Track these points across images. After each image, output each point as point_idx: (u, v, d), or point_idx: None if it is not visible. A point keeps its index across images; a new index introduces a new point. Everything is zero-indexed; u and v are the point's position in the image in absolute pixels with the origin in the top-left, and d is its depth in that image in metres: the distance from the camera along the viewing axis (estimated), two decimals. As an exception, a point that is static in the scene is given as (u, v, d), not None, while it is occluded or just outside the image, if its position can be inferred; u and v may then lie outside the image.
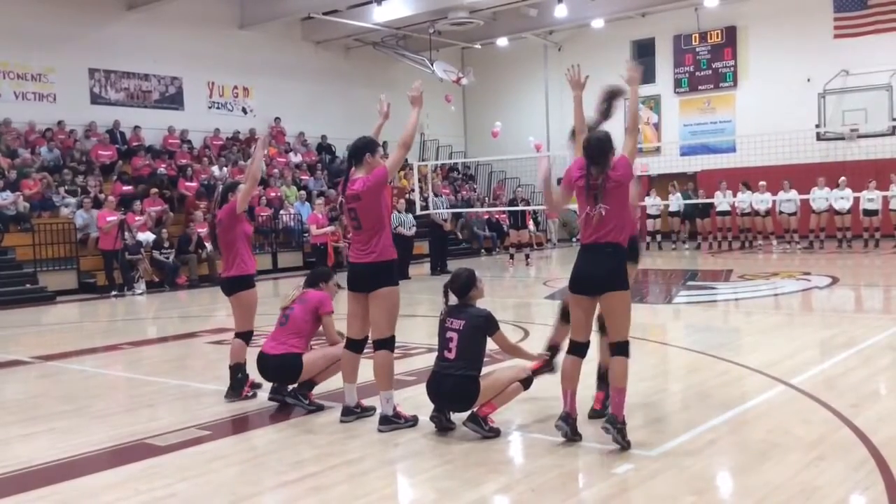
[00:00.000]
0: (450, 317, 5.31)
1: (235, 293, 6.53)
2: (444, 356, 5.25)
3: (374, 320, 5.48)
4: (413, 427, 5.43)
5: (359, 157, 5.64)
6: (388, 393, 5.47)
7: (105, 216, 16.25)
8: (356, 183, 5.50)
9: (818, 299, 12.03)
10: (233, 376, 6.51)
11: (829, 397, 5.86)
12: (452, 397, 5.24)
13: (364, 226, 5.46)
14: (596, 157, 4.95)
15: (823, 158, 21.47)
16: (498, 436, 5.19)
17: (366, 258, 5.45)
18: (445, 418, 5.34)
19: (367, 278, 5.45)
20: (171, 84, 21.82)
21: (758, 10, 23.38)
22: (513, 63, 27.62)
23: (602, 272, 4.88)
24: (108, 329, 12.25)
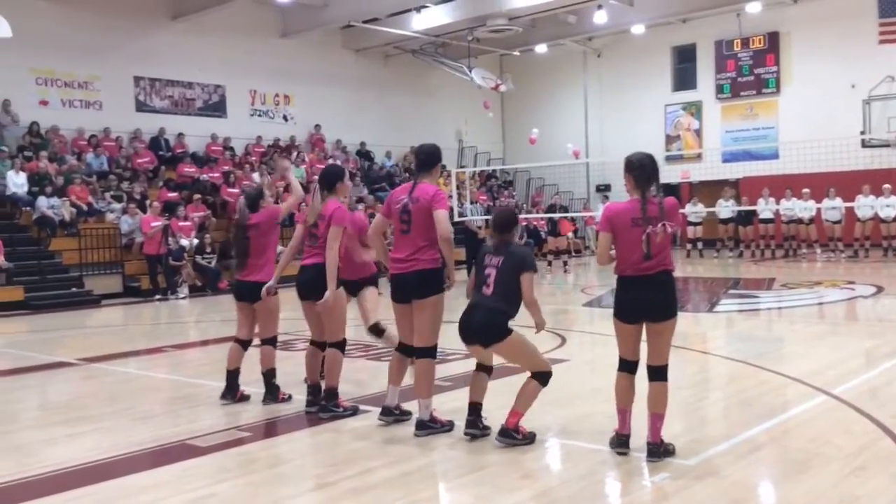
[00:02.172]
0: (489, 254, 5.27)
1: (262, 298, 6.49)
2: (483, 291, 5.19)
3: (419, 328, 5.48)
4: (449, 432, 5.44)
5: (430, 166, 5.70)
6: (427, 400, 5.49)
7: (150, 221, 16.55)
8: (419, 190, 5.49)
9: (862, 308, 11.82)
10: (267, 382, 6.58)
11: (871, 407, 5.76)
12: (481, 328, 5.12)
13: (414, 231, 5.46)
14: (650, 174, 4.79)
15: (868, 166, 21.07)
16: (533, 441, 5.17)
17: (413, 266, 5.42)
18: (479, 429, 5.27)
19: (413, 287, 5.43)
20: (214, 92, 22.16)
21: (801, 16, 23.08)
22: (551, 70, 27.57)
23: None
24: (152, 332, 12.45)
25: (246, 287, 6.55)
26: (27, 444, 5.78)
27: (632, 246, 4.69)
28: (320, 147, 23.82)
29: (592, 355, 8.93)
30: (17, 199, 16.85)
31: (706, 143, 25.16)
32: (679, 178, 25.01)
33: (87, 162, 18.65)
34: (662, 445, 4.78)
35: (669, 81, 26.24)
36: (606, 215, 4.88)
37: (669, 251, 4.79)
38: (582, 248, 24.73)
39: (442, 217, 5.33)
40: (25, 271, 15.50)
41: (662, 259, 4.72)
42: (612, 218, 4.81)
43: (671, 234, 4.71)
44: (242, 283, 6.60)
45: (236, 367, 6.64)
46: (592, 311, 12.36)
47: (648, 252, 4.64)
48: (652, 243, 4.64)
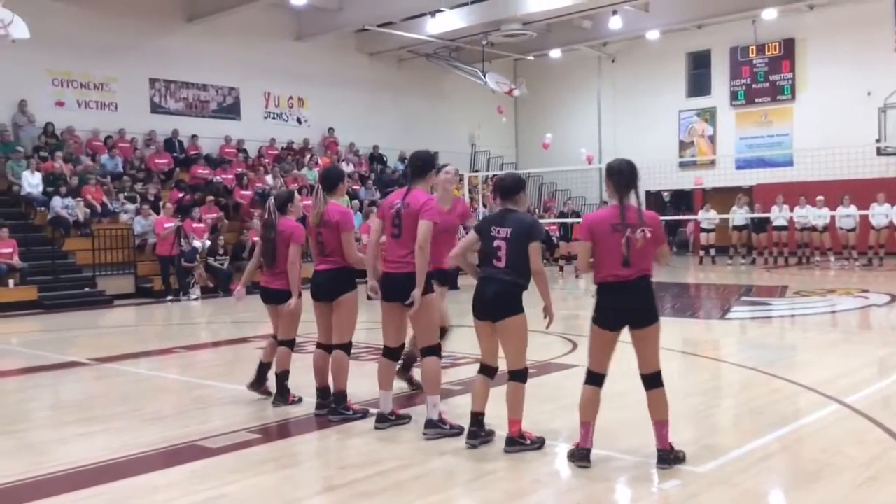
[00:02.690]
0: (494, 224, 5.14)
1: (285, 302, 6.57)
2: (494, 265, 5.11)
3: (417, 330, 5.54)
4: (458, 436, 5.43)
5: (426, 172, 5.72)
6: (435, 398, 5.51)
7: (163, 223, 16.63)
8: (412, 196, 5.56)
9: (876, 317, 11.74)
10: (280, 383, 6.61)
11: (884, 417, 5.72)
12: (497, 299, 5.05)
13: (404, 235, 5.52)
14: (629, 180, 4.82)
15: (883, 174, 20.95)
16: (543, 445, 5.14)
17: (403, 268, 5.49)
18: (481, 438, 5.22)
19: (404, 288, 5.48)
20: (228, 94, 22.25)
21: (816, 23, 22.98)
22: (566, 75, 27.55)
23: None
24: (163, 333, 12.50)
25: (267, 293, 6.74)
26: (39, 444, 5.81)
27: (612, 252, 4.70)
28: (333, 150, 23.88)
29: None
30: (32, 199, 16.97)
31: (720, 150, 25.08)
32: (692, 185, 24.94)
33: (101, 163, 18.75)
34: (672, 452, 4.76)
35: (684, 87, 26.18)
36: (586, 224, 4.89)
37: (651, 259, 4.78)
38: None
39: (423, 227, 5.39)
40: (39, 271, 15.60)
41: (642, 265, 4.72)
42: (591, 226, 4.82)
43: (655, 245, 4.73)
44: (265, 289, 6.76)
45: (284, 369, 6.66)
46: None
47: (628, 257, 4.64)
48: (631, 248, 4.64)
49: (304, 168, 21.94)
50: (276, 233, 6.58)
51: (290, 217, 6.72)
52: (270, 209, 6.69)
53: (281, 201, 6.78)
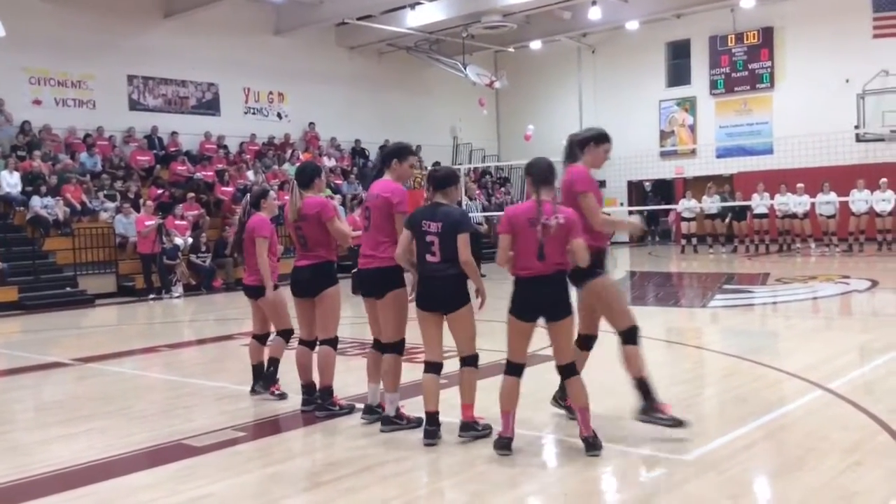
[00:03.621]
0: (425, 219, 5.22)
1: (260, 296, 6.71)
2: (428, 260, 5.20)
3: (382, 324, 5.57)
4: (416, 429, 5.43)
5: (388, 161, 5.74)
6: (394, 395, 5.54)
7: (143, 221, 16.51)
8: (378, 187, 5.61)
9: (857, 303, 11.84)
10: (267, 369, 6.66)
11: (867, 402, 5.77)
12: (445, 298, 5.17)
13: (372, 228, 5.54)
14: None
15: (862, 160, 21.10)
16: (491, 432, 5.15)
17: (371, 263, 5.51)
18: (440, 436, 5.25)
19: (373, 283, 5.51)
20: (207, 90, 22.10)
21: (795, 11, 23.09)
22: (546, 66, 27.56)
23: None
24: (146, 332, 12.42)
25: (246, 289, 6.87)
26: (23, 445, 5.76)
27: (528, 245, 4.83)
28: (315, 145, 23.78)
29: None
30: (11, 199, 16.79)
31: (700, 139, 25.18)
32: (674, 174, 25.04)
33: (80, 161, 18.59)
34: (595, 437, 4.86)
35: (664, 77, 26.25)
36: (506, 217, 5.01)
37: (565, 253, 4.86)
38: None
39: (397, 221, 5.45)
40: (19, 271, 15.45)
41: (557, 260, 4.83)
42: (511, 219, 4.94)
43: (568, 236, 4.80)
44: (244, 285, 6.91)
45: (258, 361, 6.77)
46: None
47: (542, 248, 4.77)
48: (546, 239, 4.76)
49: (286, 164, 21.85)
50: (244, 230, 6.65)
51: (263, 213, 6.73)
52: (245, 206, 6.80)
53: (254, 198, 6.86)
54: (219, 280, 17.34)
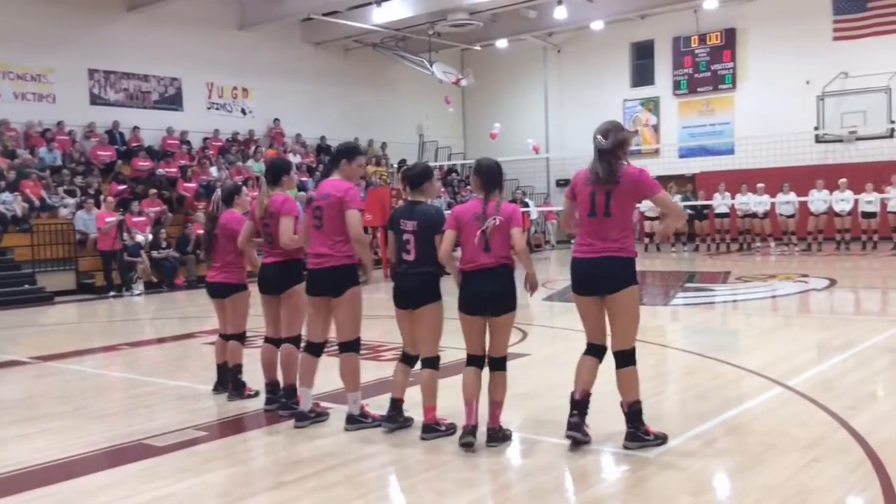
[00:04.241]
0: (402, 218, 5.33)
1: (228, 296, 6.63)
2: (405, 259, 5.30)
3: (339, 323, 5.54)
4: (379, 427, 5.45)
5: (337, 161, 5.74)
6: (355, 394, 5.53)
7: (104, 217, 16.26)
8: (329, 185, 5.61)
9: (816, 301, 12.04)
10: (234, 377, 6.58)
11: (826, 399, 5.87)
12: (415, 291, 5.27)
13: (326, 227, 5.51)
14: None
15: (822, 161, 21.50)
16: (455, 431, 5.20)
17: (326, 262, 5.48)
18: (399, 422, 5.40)
19: (330, 282, 5.49)
20: (170, 85, 21.83)
21: (757, 12, 23.41)
22: (512, 65, 27.64)
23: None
24: (106, 330, 12.25)
25: (212, 287, 6.73)
26: (-22, 446, 5.65)
27: (473, 240, 5.02)
28: (279, 141, 23.62)
29: (553, 350, 8.96)
30: (-32, 195, 16.46)
31: (663, 139, 25.45)
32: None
33: (39, 156, 18.26)
34: (500, 431, 5.06)
35: (628, 77, 26.47)
36: (453, 214, 5.19)
37: (509, 248, 5.04)
38: (542, 243, 24.88)
39: (354, 218, 5.46)
40: (-24, 268, 15.16)
41: (501, 253, 5.01)
42: (457, 216, 5.13)
43: (507, 227, 4.99)
44: (209, 283, 6.77)
45: (223, 360, 6.70)
46: (553, 305, 12.42)
47: (487, 242, 4.97)
48: (489, 235, 4.96)
49: (250, 160, 21.67)
50: (216, 226, 6.54)
51: (236, 210, 6.64)
52: (216, 202, 6.67)
53: (227, 193, 6.75)
54: (181, 277, 17.15)
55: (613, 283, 4.83)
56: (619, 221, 4.85)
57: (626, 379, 4.87)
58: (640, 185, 4.87)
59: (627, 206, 4.90)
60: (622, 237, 4.86)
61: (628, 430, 4.87)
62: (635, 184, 4.86)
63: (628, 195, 4.87)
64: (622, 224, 4.86)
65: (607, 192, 4.81)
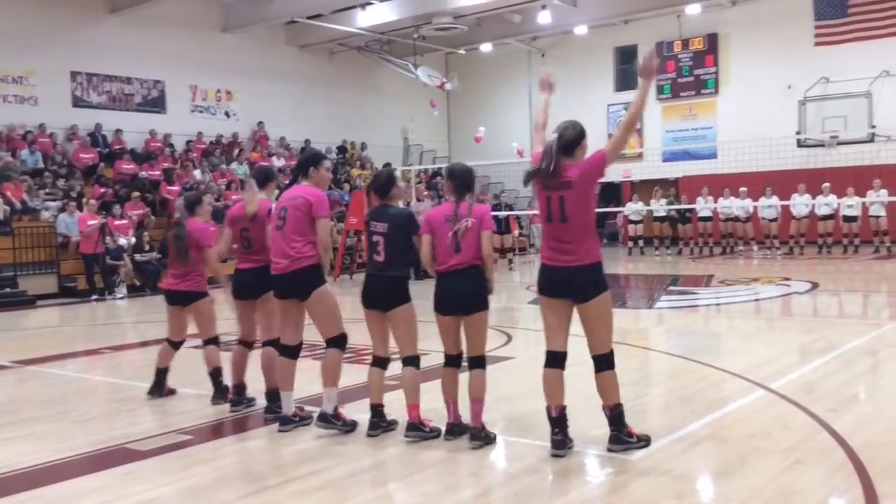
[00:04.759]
0: (373, 220, 5.39)
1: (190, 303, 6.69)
2: (375, 260, 5.37)
3: (317, 324, 5.59)
4: (350, 432, 5.44)
5: (304, 169, 5.74)
6: (332, 390, 5.50)
7: (86, 220, 16.15)
8: (299, 189, 5.64)
9: (798, 304, 12.13)
10: (215, 382, 6.58)
11: (808, 401, 5.91)
12: (384, 293, 5.31)
13: (287, 228, 5.51)
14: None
15: (803, 165, 21.67)
16: (440, 434, 5.23)
17: (293, 265, 5.47)
18: (382, 427, 5.39)
19: (294, 285, 5.50)
20: (153, 87, 21.73)
21: (739, 18, 23.59)
22: (496, 68, 27.70)
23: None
24: (89, 333, 12.16)
25: (172, 295, 6.73)
26: (-41, 451, 5.60)
27: (445, 241, 5.12)
28: (263, 144, 23.55)
29: (537, 353, 8.91)
30: (-52, 197, 16.32)
31: (647, 143, 25.56)
32: (621, 177, 25.37)
33: (21, 159, 18.12)
34: (484, 430, 5.08)
35: (612, 81, 26.58)
36: (426, 219, 5.30)
37: (479, 250, 5.09)
38: (527, 246, 24.93)
39: (325, 226, 5.53)
40: (-44, 271, 15.02)
41: (472, 255, 5.08)
42: (430, 220, 5.26)
43: (479, 229, 5.07)
44: (169, 291, 6.76)
45: (165, 365, 6.81)
46: (537, 308, 12.42)
47: (458, 243, 5.05)
48: (460, 236, 5.05)
49: (234, 163, 21.59)
50: (186, 233, 6.55)
51: (198, 219, 6.68)
52: (179, 210, 6.77)
53: (190, 203, 6.79)
54: (164, 281, 17.04)
55: (585, 293, 4.76)
56: (578, 225, 4.75)
57: (606, 382, 4.85)
58: (590, 166, 4.83)
59: (584, 207, 4.77)
60: (584, 241, 4.76)
61: (611, 433, 4.88)
62: (587, 169, 4.81)
63: (582, 191, 4.75)
64: (582, 227, 4.76)
65: (561, 197, 4.74)
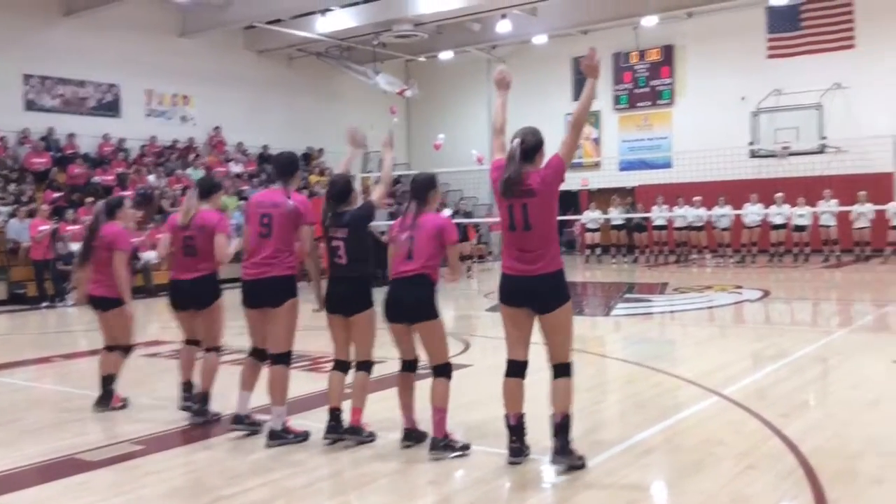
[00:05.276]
0: (332, 226, 5.41)
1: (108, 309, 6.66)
2: (337, 264, 5.40)
3: (273, 334, 5.53)
4: (303, 442, 5.42)
5: (289, 174, 5.74)
6: (281, 409, 5.47)
7: (38, 225, 15.82)
8: (280, 195, 5.59)
9: (750, 312, 12.33)
10: (104, 386, 6.61)
11: (759, 407, 6.01)
12: (347, 298, 5.36)
13: (275, 236, 5.49)
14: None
15: (756, 175, 22.05)
16: (375, 438, 5.30)
17: (270, 272, 5.47)
18: (339, 432, 5.37)
19: (269, 292, 5.48)
20: (108, 91, 21.39)
21: (695, 30, 23.96)
22: (456, 76, 27.79)
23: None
24: (39, 341, 11.91)
25: (91, 300, 6.72)
26: None
27: (399, 250, 5.21)
28: (220, 149, 23.31)
29: (495, 360, 8.93)
30: None
31: (604, 152, 25.81)
32: (579, 186, 25.59)
33: (-31, 162, 17.71)
34: (443, 440, 5.04)
35: (570, 91, 26.77)
36: (389, 230, 5.48)
37: (431, 258, 5.13)
38: (486, 254, 24.99)
39: (306, 233, 5.54)
40: None
41: (421, 263, 5.11)
42: (390, 230, 5.43)
43: (434, 243, 5.12)
44: (89, 296, 6.74)
45: (108, 372, 6.71)
46: (495, 315, 12.44)
47: (410, 252, 5.12)
48: (412, 245, 5.12)
49: (190, 168, 21.33)
50: (95, 237, 6.51)
51: (118, 223, 6.61)
52: (98, 214, 6.68)
53: (110, 206, 6.74)
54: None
55: (547, 304, 4.71)
56: (541, 232, 4.72)
57: (562, 388, 4.77)
58: (551, 171, 4.82)
59: (548, 215, 4.76)
60: (548, 249, 4.73)
61: (557, 444, 4.72)
62: (548, 175, 4.78)
63: (545, 198, 4.74)
64: (545, 234, 4.73)
65: (524, 205, 4.69)
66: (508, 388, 4.87)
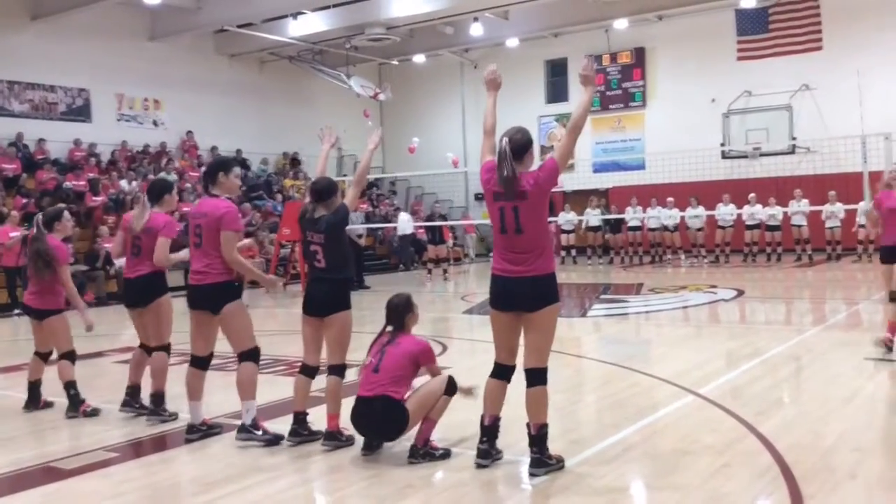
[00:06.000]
0: (308, 230, 5.44)
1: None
2: (316, 266, 5.46)
3: (229, 338, 5.63)
4: (272, 443, 5.41)
5: (213, 176, 5.72)
6: (250, 403, 5.51)
7: (7, 232, 15.60)
8: (208, 205, 5.63)
9: (724, 311, 12.43)
10: (69, 394, 6.66)
11: (735, 406, 6.06)
12: (326, 301, 5.37)
13: (204, 245, 5.55)
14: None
15: (728, 176, 22.27)
16: (353, 442, 5.29)
17: (206, 279, 5.54)
18: (303, 435, 5.40)
19: (207, 298, 5.55)
20: (77, 96, 21.15)
21: (665, 33, 24.15)
22: (430, 79, 27.80)
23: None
24: (11, 349, 11.72)
25: (28, 310, 6.83)
26: None
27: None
28: (193, 154, 23.13)
29: (473, 362, 8.98)
30: None
31: (578, 154, 25.84)
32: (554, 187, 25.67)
33: (-64, 168, 17.43)
34: (424, 448, 5.01)
35: (543, 93, 26.92)
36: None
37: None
38: (461, 256, 25.00)
39: (227, 238, 5.51)
40: None
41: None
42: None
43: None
44: (25, 305, 6.90)
45: (36, 378, 6.87)
46: (472, 318, 12.49)
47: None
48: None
49: (162, 173, 21.14)
50: (45, 248, 6.53)
51: (56, 235, 6.65)
52: (38, 225, 6.68)
53: (48, 218, 6.76)
54: (90, 293, 16.57)
55: (534, 302, 4.63)
56: (533, 235, 4.65)
57: (536, 398, 4.66)
58: (545, 174, 4.70)
59: (539, 217, 4.69)
60: (540, 253, 4.65)
61: (533, 456, 4.67)
62: (541, 178, 4.66)
63: (537, 201, 4.65)
64: (537, 238, 4.65)
65: (515, 208, 4.62)
66: (490, 388, 4.86)
